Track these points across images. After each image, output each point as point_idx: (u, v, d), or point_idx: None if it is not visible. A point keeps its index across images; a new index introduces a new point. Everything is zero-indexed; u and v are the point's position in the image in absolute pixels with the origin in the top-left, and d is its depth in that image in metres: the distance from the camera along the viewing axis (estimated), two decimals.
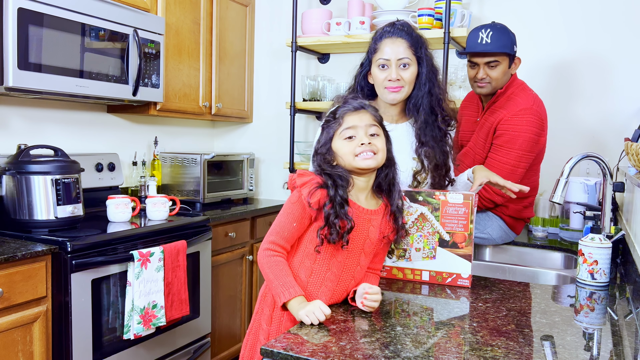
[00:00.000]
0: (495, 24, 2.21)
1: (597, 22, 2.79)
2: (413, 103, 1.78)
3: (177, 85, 2.99)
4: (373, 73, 1.78)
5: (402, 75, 1.72)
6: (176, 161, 3.12)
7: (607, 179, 1.92)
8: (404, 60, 1.72)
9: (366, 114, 1.43)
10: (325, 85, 3.23)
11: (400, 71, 1.72)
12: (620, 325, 1.35)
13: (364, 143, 1.38)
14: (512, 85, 2.22)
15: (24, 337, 1.89)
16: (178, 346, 2.51)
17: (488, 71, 2.18)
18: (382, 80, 1.74)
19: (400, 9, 2.93)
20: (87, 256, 2.04)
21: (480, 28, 2.18)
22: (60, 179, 2.16)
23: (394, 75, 1.72)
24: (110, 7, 2.44)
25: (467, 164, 2.29)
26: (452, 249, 1.61)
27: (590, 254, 1.66)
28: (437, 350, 1.13)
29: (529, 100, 2.15)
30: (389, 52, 1.73)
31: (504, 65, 2.17)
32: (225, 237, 2.91)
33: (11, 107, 2.48)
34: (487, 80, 2.20)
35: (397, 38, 1.74)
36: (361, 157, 1.38)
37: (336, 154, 1.41)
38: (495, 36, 2.13)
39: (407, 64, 1.73)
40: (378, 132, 1.42)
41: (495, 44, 2.13)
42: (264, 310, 1.43)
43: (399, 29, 1.75)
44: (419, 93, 1.77)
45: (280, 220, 1.38)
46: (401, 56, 1.72)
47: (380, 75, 1.74)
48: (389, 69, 1.73)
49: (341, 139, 1.41)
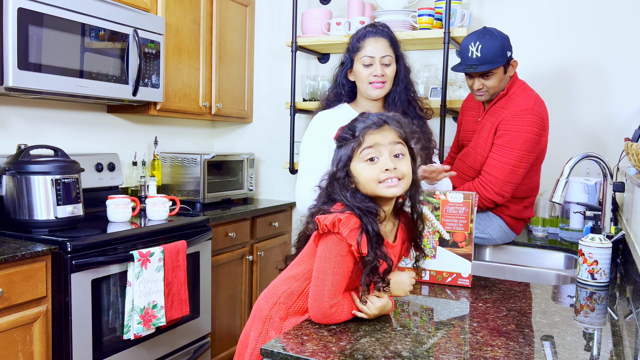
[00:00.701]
0: (485, 32, 2.17)
1: (596, 22, 2.79)
2: (392, 97, 1.93)
3: (177, 85, 2.99)
4: (356, 70, 1.90)
5: (386, 72, 1.87)
6: (176, 161, 3.12)
7: (607, 179, 1.92)
8: (386, 58, 1.87)
9: (390, 130, 1.26)
10: (325, 85, 3.22)
11: (384, 68, 1.87)
12: (621, 325, 1.35)
13: (389, 169, 1.23)
14: (514, 85, 2.22)
15: (24, 337, 1.89)
16: (178, 346, 2.51)
17: (484, 81, 2.18)
18: (367, 76, 1.87)
19: (400, 9, 2.93)
20: (87, 256, 2.04)
21: (470, 39, 2.16)
22: (60, 179, 2.16)
23: (379, 71, 1.86)
24: (110, 7, 2.44)
25: (468, 164, 2.29)
26: (452, 248, 1.61)
27: (591, 254, 1.66)
28: (437, 350, 1.13)
29: (530, 100, 2.15)
30: (372, 50, 1.86)
31: (498, 73, 2.16)
32: (225, 237, 2.91)
33: (11, 107, 2.48)
34: (484, 89, 2.20)
35: (380, 37, 1.88)
36: (385, 185, 1.24)
37: (356, 179, 1.26)
38: (485, 48, 2.11)
39: (389, 63, 1.88)
40: (403, 151, 1.27)
41: (485, 56, 2.12)
42: (269, 333, 1.33)
43: (380, 29, 1.89)
44: (397, 89, 1.92)
45: (336, 279, 1.21)
46: (384, 54, 1.86)
47: (365, 72, 1.87)
48: (373, 66, 1.86)
49: (361, 161, 1.25)
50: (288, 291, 1.35)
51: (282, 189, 3.66)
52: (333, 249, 1.22)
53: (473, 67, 2.14)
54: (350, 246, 1.20)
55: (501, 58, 2.13)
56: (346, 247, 1.21)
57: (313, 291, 1.24)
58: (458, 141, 2.53)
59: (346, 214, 1.22)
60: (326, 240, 1.23)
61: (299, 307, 1.34)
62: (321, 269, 1.22)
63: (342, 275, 1.22)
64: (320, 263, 1.23)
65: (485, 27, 2.22)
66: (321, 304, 1.22)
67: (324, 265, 1.22)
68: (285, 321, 1.33)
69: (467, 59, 2.16)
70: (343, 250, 1.21)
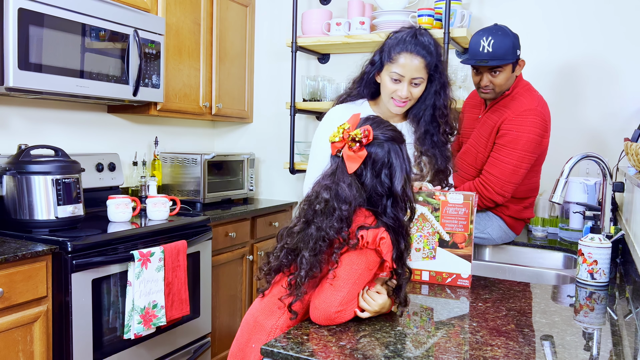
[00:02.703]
0: (497, 28, 2.16)
1: (595, 22, 2.79)
2: (414, 114, 1.81)
3: (177, 85, 2.99)
4: (383, 79, 1.78)
5: (412, 92, 1.75)
6: (176, 161, 3.13)
7: (607, 179, 1.93)
8: (417, 79, 1.73)
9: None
10: (325, 85, 3.23)
11: (411, 88, 1.74)
12: (620, 325, 1.35)
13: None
14: (518, 85, 2.21)
15: (25, 336, 1.90)
16: (178, 346, 2.51)
17: (491, 78, 2.16)
18: (391, 92, 1.76)
19: (400, 9, 2.93)
20: (87, 256, 2.04)
21: (482, 35, 2.14)
22: (60, 179, 2.17)
23: (404, 93, 1.73)
24: (110, 7, 2.44)
25: (468, 162, 2.29)
26: (452, 249, 1.61)
27: (590, 254, 1.66)
28: (437, 350, 1.13)
29: (533, 101, 2.15)
30: (404, 70, 1.71)
31: (507, 70, 2.15)
32: (225, 237, 2.91)
33: (12, 107, 2.49)
34: (491, 87, 2.18)
35: (416, 56, 1.71)
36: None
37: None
38: (497, 44, 2.10)
39: (419, 83, 1.74)
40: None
41: (497, 52, 2.10)
42: None
43: (421, 44, 1.71)
44: (422, 106, 1.80)
45: (353, 289, 1.24)
46: (416, 75, 1.72)
47: (391, 86, 1.75)
48: (401, 84, 1.73)
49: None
50: None
51: (282, 189, 3.66)
52: (363, 262, 1.24)
53: (484, 61, 2.11)
54: (383, 261, 1.26)
55: (511, 55, 2.12)
56: (377, 262, 1.26)
57: (325, 294, 1.23)
58: (458, 138, 2.53)
59: (382, 230, 1.25)
60: (360, 252, 1.25)
61: None
62: (344, 277, 1.23)
63: (360, 287, 1.26)
64: (344, 270, 1.24)
65: (496, 24, 2.20)
66: (328, 307, 1.22)
67: (348, 274, 1.23)
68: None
69: (478, 53, 2.14)
70: (372, 264, 1.26)
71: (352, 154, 1.27)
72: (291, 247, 1.29)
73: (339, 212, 1.24)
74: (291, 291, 1.26)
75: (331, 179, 1.29)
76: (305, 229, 1.28)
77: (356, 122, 1.32)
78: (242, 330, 1.34)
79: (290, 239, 1.31)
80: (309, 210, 1.29)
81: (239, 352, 1.32)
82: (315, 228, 1.26)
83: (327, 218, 1.25)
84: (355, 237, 1.23)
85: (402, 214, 1.29)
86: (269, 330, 1.28)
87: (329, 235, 1.24)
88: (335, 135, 1.30)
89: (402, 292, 1.30)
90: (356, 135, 1.27)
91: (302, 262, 1.25)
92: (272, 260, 1.34)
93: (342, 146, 1.29)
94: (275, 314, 1.29)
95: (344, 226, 1.25)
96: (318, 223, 1.25)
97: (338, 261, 1.24)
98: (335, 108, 1.93)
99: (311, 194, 1.32)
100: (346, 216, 1.24)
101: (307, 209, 1.30)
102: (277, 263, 1.32)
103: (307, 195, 1.34)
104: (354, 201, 1.25)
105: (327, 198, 1.26)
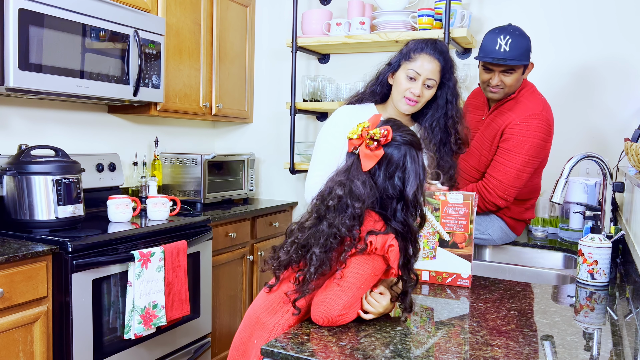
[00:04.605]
0: (514, 28, 2.11)
1: (595, 22, 2.79)
2: (429, 123, 1.89)
3: (177, 85, 3.00)
4: (398, 77, 1.85)
5: (424, 93, 1.83)
6: (177, 161, 3.13)
7: (607, 179, 1.92)
8: (431, 81, 1.82)
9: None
10: (326, 85, 3.23)
11: (424, 89, 1.83)
12: (620, 325, 1.35)
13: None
14: (523, 88, 2.19)
15: (25, 337, 1.90)
16: (178, 346, 2.51)
17: (503, 78, 2.12)
18: (405, 90, 1.83)
19: (401, 9, 2.93)
20: (87, 256, 2.04)
21: (499, 33, 2.10)
22: (60, 179, 2.17)
23: (418, 90, 1.82)
24: (110, 7, 2.44)
25: (471, 164, 2.28)
26: (452, 249, 1.61)
27: (590, 254, 1.66)
28: (437, 350, 1.13)
29: (538, 105, 2.13)
30: (421, 67, 1.81)
31: (519, 72, 2.12)
32: (225, 237, 2.91)
33: (12, 107, 2.49)
34: (501, 86, 2.14)
35: (435, 59, 1.82)
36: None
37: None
38: (514, 44, 2.06)
39: (431, 86, 1.84)
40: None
41: (514, 53, 2.06)
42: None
43: (439, 50, 1.83)
44: (436, 114, 1.88)
45: (357, 294, 1.24)
46: (431, 77, 1.82)
47: (405, 84, 1.83)
48: (416, 82, 1.82)
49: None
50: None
51: (282, 189, 3.66)
52: (370, 267, 1.24)
53: (502, 60, 2.08)
54: (390, 267, 1.26)
55: (526, 57, 2.10)
56: (383, 268, 1.26)
57: (329, 296, 1.23)
58: None
59: (392, 236, 1.25)
60: (368, 257, 1.24)
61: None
62: (350, 280, 1.23)
63: (364, 291, 1.26)
64: (351, 273, 1.23)
65: (511, 24, 2.16)
66: (331, 310, 1.21)
67: (354, 278, 1.23)
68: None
69: (494, 51, 2.09)
70: (378, 270, 1.25)
71: (368, 152, 1.27)
72: (302, 243, 1.28)
73: (352, 209, 1.24)
74: (298, 287, 1.26)
75: (345, 175, 1.28)
76: (316, 225, 1.27)
77: (376, 122, 1.32)
78: (245, 325, 1.35)
79: (301, 234, 1.30)
80: (322, 205, 1.28)
81: (241, 346, 1.33)
82: (327, 224, 1.25)
83: (339, 215, 1.24)
84: (364, 242, 1.23)
85: (412, 219, 1.28)
86: (271, 328, 1.28)
87: (341, 233, 1.23)
88: (354, 132, 1.29)
89: (408, 298, 1.29)
90: (375, 134, 1.26)
91: (312, 258, 1.24)
92: (281, 255, 1.33)
93: (359, 144, 1.29)
94: (279, 312, 1.30)
95: (355, 224, 1.24)
96: (330, 219, 1.25)
97: (346, 261, 1.24)
98: (341, 108, 1.98)
99: (324, 189, 1.32)
100: (359, 214, 1.24)
101: (319, 204, 1.30)
102: (286, 258, 1.31)
103: (320, 191, 1.33)
104: (367, 199, 1.25)
105: (340, 194, 1.25)
